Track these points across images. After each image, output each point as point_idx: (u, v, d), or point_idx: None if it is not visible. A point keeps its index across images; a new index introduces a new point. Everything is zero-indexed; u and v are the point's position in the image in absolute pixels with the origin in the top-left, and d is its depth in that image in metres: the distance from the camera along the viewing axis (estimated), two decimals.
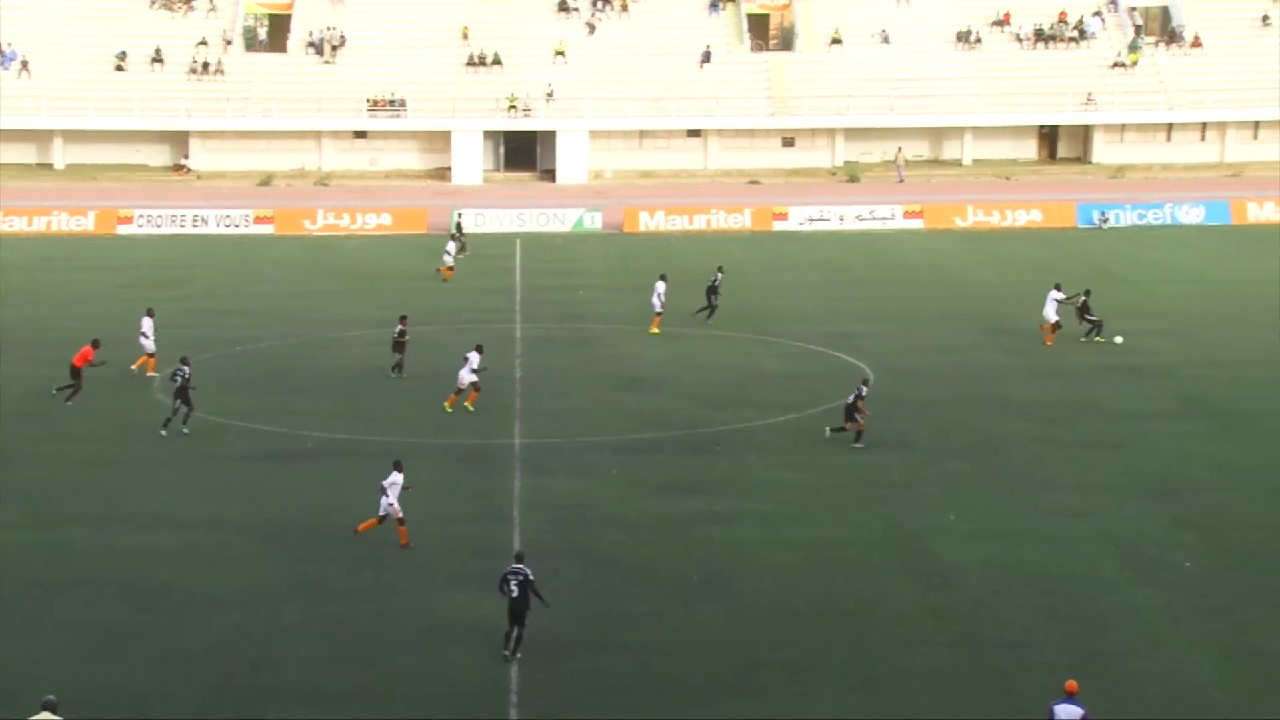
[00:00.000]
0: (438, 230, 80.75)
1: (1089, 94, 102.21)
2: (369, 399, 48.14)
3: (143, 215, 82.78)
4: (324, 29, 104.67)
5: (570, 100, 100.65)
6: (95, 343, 47.84)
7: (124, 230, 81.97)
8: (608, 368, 52.25)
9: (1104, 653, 29.57)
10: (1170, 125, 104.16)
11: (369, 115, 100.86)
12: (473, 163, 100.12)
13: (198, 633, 30.72)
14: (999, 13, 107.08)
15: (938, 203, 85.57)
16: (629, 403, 47.68)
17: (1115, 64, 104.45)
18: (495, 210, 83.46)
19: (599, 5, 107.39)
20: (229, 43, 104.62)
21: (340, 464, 41.56)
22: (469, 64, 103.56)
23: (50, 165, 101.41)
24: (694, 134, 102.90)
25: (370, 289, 66.61)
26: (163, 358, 49.72)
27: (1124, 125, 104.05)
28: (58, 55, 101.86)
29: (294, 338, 56.97)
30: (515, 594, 29.08)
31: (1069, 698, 24.78)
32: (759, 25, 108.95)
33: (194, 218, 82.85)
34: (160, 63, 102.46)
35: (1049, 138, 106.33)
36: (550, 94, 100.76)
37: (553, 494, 38.98)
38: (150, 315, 50.88)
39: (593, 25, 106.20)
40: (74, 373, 46.99)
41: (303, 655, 29.79)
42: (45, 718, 24.75)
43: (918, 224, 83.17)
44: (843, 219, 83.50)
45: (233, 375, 50.51)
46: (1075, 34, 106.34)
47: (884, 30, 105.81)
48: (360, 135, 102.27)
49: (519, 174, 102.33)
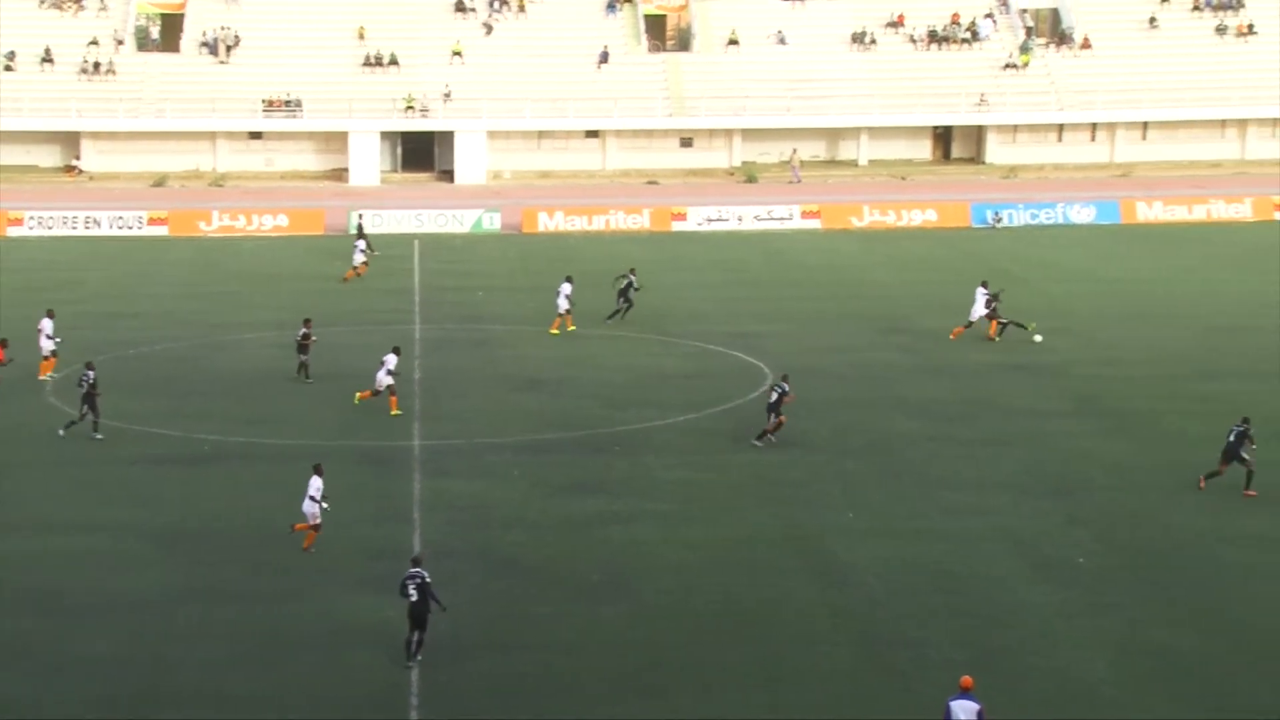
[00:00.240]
0: (335, 232, 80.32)
1: (981, 95, 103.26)
2: (266, 401, 47.83)
3: (33, 217, 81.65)
4: (218, 29, 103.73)
5: (468, 101, 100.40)
6: (3, 342, 47.34)
7: (14, 232, 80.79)
8: (508, 368, 52.22)
9: (1000, 649, 29.95)
10: (1061, 126, 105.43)
11: (264, 116, 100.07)
12: (370, 163, 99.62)
13: (92, 638, 30.39)
14: (893, 14, 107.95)
15: (834, 203, 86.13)
16: (529, 403, 47.69)
17: (1007, 65, 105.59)
18: (393, 211, 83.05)
19: (496, 6, 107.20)
20: (120, 42, 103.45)
21: (238, 467, 41.28)
22: (365, 64, 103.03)
23: None
24: (592, 134, 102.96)
25: (267, 291, 66.14)
26: (59, 361, 49.21)
27: (1016, 126, 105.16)
28: None
29: (190, 340, 56.48)
30: (414, 598, 29.04)
31: (965, 693, 25.04)
32: (656, 26, 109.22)
33: (86, 219, 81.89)
34: (50, 62, 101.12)
35: (943, 138, 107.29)
36: (448, 94, 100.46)
37: (453, 495, 38.93)
38: (50, 316, 50.26)
39: (490, 26, 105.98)
40: None
41: (201, 658, 29.57)
42: None
43: (815, 224, 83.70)
44: (741, 219, 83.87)
45: (128, 378, 49.96)
46: (968, 35, 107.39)
47: (780, 31, 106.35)
48: (255, 136, 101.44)
49: (417, 175, 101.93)
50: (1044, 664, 29.39)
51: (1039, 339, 54.69)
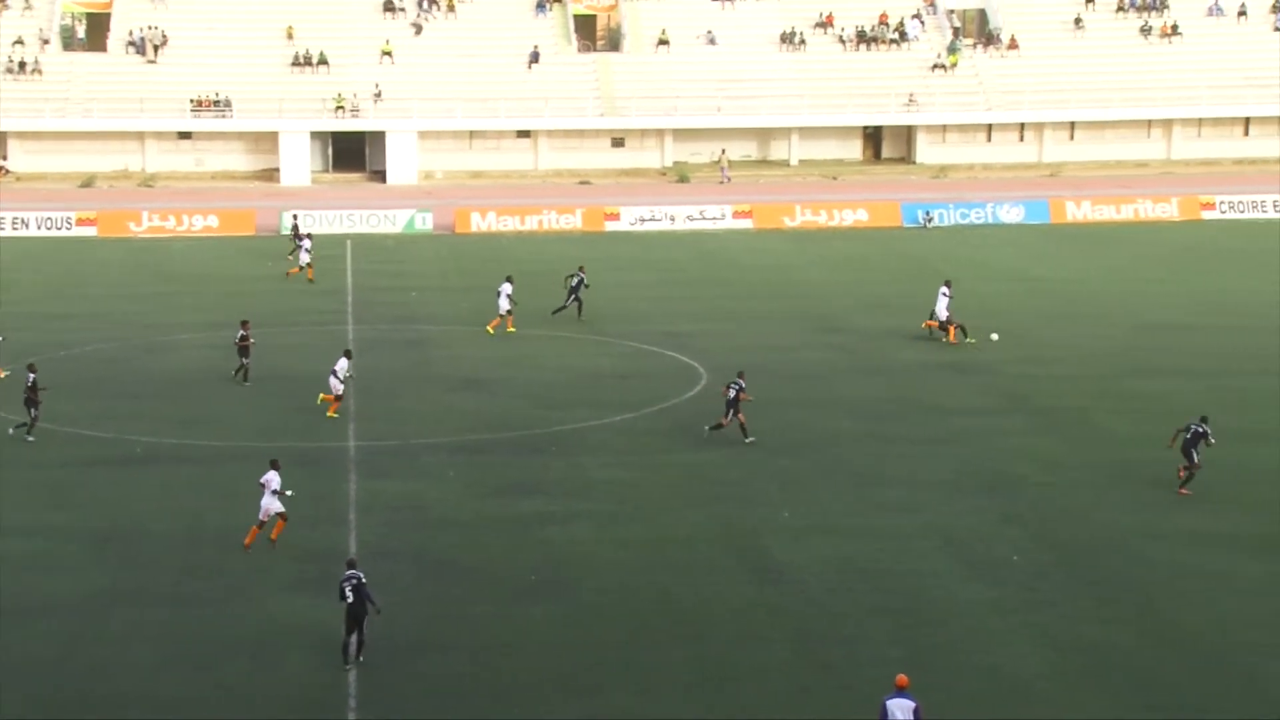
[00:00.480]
0: (266, 232, 79.91)
1: (910, 95, 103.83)
2: (199, 402, 47.55)
3: None
4: (145, 28, 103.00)
5: (399, 100, 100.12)
6: None
7: None
8: (443, 369, 52.13)
9: (935, 646, 30.12)
10: (990, 126, 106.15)
11: (193, 116, 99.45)
12: (301, 164, 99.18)
13: (22, 642, 30.12)
14: (821, 14, 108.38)
15: (766, 203, 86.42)
16: (464, 404, 47.62)
17: (935, 65, 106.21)
18: (325, 211, 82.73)
19: (425, 5, 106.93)
20: (46, 42, 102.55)
21: (170, 468, 41.02)
22: (295, 64, 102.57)
23: None
24: (524, 134, 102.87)
25: (198, 291, 65.75)
26: None
27: (945, 126, 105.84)
28: None
29: (121, 341, 56.08)
30: (351, 599, 28.94)
31: (900, 691, 25.13)
32: (586, 26, 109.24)
33: (13, 220, 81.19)
34: None
35: (873, 138, 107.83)
36: (378, 94, 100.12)
37: (389, 496, 38.82)
38: None
39: (419, 25, 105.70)
40: None
41: (134, 661, 29.37)
42: None
43: (747, 224, 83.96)
44: (674, 219, 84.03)
45: (58, 380, 49.41)
46: (896, 36, 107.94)
47: (710, 31, 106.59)
48: (185, 136, 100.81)
49: (348, 175, 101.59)
50: (979, 661, 29.59)
51: (995, 337, 55.16)
